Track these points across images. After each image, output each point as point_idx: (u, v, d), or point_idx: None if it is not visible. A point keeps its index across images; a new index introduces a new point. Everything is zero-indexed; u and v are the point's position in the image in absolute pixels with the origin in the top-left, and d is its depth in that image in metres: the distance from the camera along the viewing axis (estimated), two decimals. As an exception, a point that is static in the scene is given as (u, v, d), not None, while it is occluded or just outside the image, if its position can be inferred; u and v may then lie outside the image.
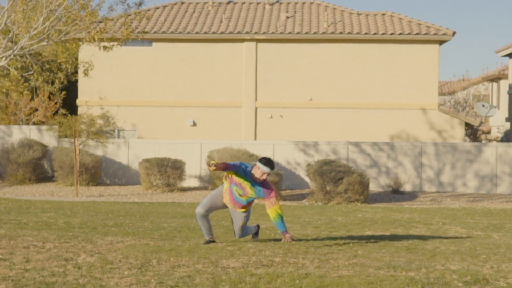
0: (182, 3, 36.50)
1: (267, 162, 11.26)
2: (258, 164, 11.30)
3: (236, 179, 11.37)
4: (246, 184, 11.38)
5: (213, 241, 11.90)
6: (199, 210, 11.68)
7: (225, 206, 11.74)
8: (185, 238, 12.80)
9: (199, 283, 8.83)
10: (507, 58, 40.44)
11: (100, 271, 9.41)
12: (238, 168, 11.25)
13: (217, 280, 8.98)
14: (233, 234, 13.63)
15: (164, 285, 8.71)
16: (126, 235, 13.00)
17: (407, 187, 29.16)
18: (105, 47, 24.70)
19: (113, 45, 25.23)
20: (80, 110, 32.66)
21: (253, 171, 11.32)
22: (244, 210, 11.63)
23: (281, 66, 33.02)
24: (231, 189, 11.46)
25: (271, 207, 11.45)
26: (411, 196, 27.62)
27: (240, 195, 11.45)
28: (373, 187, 28.93)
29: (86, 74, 25.99)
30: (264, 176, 11.28)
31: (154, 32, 33.03)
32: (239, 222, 11.73)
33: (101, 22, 25.27)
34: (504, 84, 45.28)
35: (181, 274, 9.31)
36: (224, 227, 14.89)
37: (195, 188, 28.91)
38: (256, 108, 33.02)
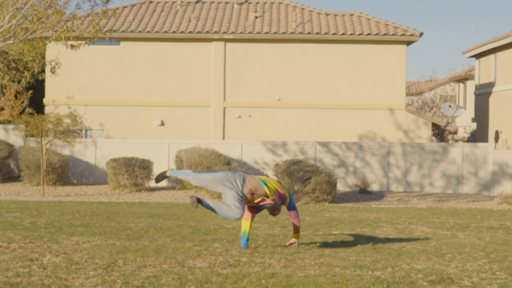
0: (151, 2, 36.38)
1: None
2: None
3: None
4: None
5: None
6: (240, 212, 11.39)
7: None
8: (152, 238, 12.77)
9: (165, 283, 8.81)
10: (474, 59, 40.80)
11: (66, 271, 9.35)
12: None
13: (183, 280, 8.97)
14: (200, 234, 13.63)
15: (130, 285, 8.68)
16: (93, 235, 12.94)
17: (375, 187, 29.31)
18: (72, 46, 24.53)
19: (80, 44, 25.07)
20: (47, 109, 32.42)
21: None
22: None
23: (250, 66, 33.04)
24: (266, 201, 11.61)
25: (248, 219, 11.62)
26: (379, 195, 27.77)
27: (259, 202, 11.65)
28: (340, 187, 29.05)
29: (53, 72, 25.80)
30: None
31: (122, 31, 32.87)
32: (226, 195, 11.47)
33: (68, 20, 25.10)
34: (470, 85, 45.70)
35: (147, 274, 9.29)
36: (191, 227, 14.87)
37: (163, 188, 28.84)
38: (224, 108, 33.01)
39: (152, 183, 29.01)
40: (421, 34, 32.48)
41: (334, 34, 32.63)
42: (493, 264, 10.83)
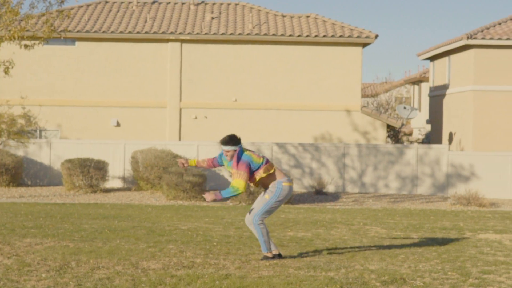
0: (106, 2, 36.14)
1: (223, 140, 11.00)
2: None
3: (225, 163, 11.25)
4: (226, 163, 11.16)
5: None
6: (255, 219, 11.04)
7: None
8: (106, 239, 12.69)
9: (118, 285, 8.76)
10: (428, 61, 41.24)
11: (17, 273, 9.26)
12: (218, 158, 11.36)
13: (136, 282, 8.93)
14: (155, 235, 13.57)
15: (82, 287, 8.62)
16: (46, 237, 12.81)
17: (330, 188, 29.45)
18: (26, 46, 24.24)
19: (34, 43, 24.78)
20: (0, 110, 32.00)
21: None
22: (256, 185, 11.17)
23: (206, 67, 32.99)
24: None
25: (233, 178, 10.97)
26: (334, 197, 27.92)
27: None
28: (297, 188, 29.14)
29: (6, 73, 25.48)
30: (227, 154, 10.95)
31: (78, 31, 32.60)
32: (254, 206, 11.05)
33: (22, 20, 24.81)
34: (425, 87, 46.18)
35: (101, 276, 9.23)
36: (146, 228, 14.80)
37: (118, 189, 28.66)
38: (180, 109, 32.91)
39: (108, 184, 28.81)
40: (376, 36, 32.74)
41: (290, 35, 32.74)
42: (445, 264, 10.96)
